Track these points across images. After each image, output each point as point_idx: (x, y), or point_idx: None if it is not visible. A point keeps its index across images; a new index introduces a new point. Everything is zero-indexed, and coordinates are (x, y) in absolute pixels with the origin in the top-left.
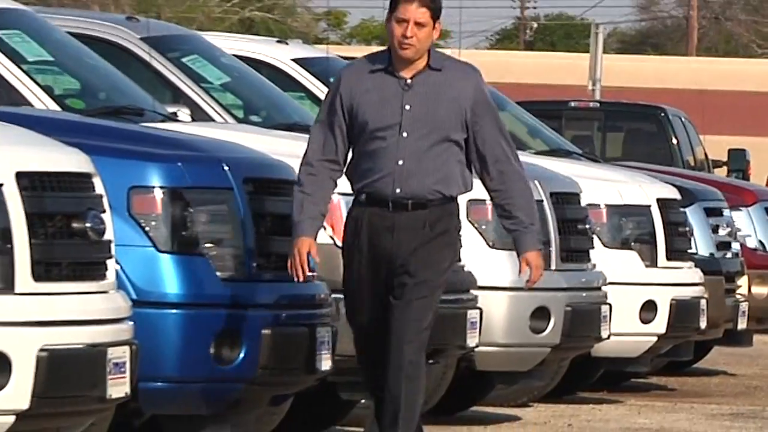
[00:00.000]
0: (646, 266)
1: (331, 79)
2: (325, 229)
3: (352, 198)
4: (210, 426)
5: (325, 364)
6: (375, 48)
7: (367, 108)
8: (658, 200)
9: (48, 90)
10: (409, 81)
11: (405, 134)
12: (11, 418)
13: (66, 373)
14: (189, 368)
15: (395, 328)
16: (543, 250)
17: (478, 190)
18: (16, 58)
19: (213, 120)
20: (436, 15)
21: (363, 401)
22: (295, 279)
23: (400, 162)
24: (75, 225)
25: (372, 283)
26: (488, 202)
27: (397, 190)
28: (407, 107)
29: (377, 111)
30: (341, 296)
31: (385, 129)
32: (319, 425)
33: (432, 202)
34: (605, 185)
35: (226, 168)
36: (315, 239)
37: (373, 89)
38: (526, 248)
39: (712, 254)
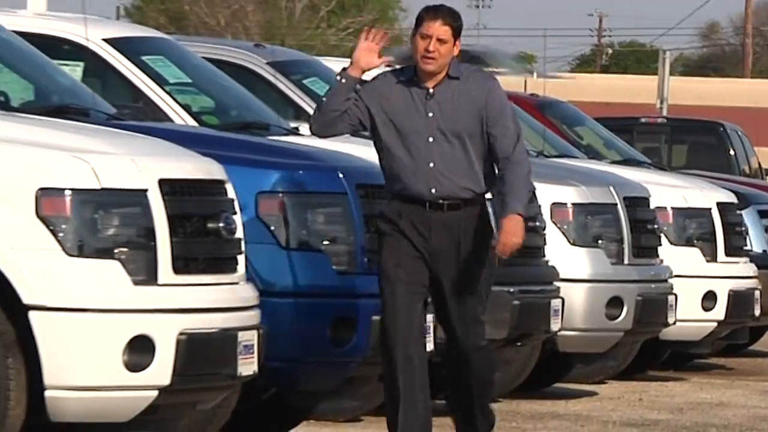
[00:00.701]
0: (707, 261)
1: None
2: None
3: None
4: (329, 399)
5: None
6: None
7: (394, 116)
8: (718, 204)
9: (186, 108)
10: (431, 90)
11: (431, 139)
12: (154, 393)
13: (202, 354)
14: (309, 350)
15: (456, 324)
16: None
17: (560, 194)
18: (160, 80)
19: None
20: (457, 33)
21: None
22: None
23: (431, 164)
24: (210, 225)
25: (409, 275)
26: (569, 204)
27: (433, 191)
28: (430, 114)
29: (404, 118)
30: None
31: (413, 135)
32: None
33: (466, 202)
34: (671, 190)
35: (341, 175)
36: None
37: (399, 98)
38: (504, 211)
39: (764, 251)
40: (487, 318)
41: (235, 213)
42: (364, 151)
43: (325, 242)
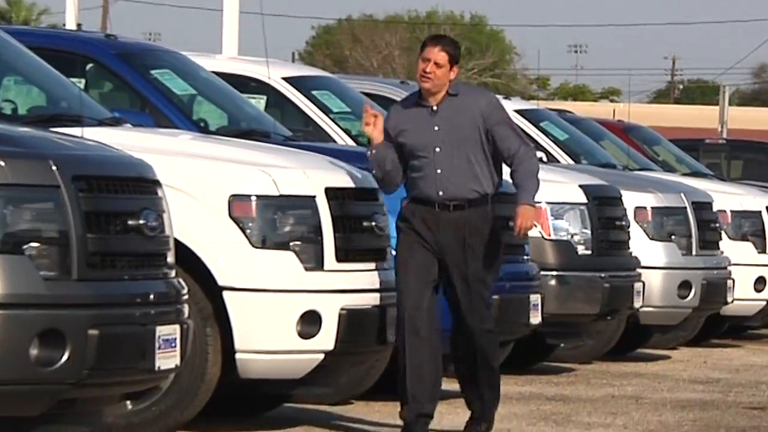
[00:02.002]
0: (758, 253)
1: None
2: (535, 226)
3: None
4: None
5: (535, 318)
6: (572, 103)
7: (407, 134)
8: (767, 207)
9: (347, 131)
10: (435, 108)
11: (438, 149)
12: (321, 356)
13: (359, 325)
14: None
15: (464, 308)
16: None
17: (642, 198)
18: (325, 110)
19: None
20: (454, 60)
21: (562, 345)
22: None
23: (439, 171)
24: (365, 224)
25: (419, 265)
26: (648, 207)
27: (440, 193)
28: (436, 128)
29: (415, 136)
30: (549, 273)
31: (423, 148)
32: (530, 363)
33: (470, 202)
34: (730, 197)
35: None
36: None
37: (410, 120)
38: (518, 200)
39: None
40: (547, 294)
41: (384, 214)
42: None
43: None
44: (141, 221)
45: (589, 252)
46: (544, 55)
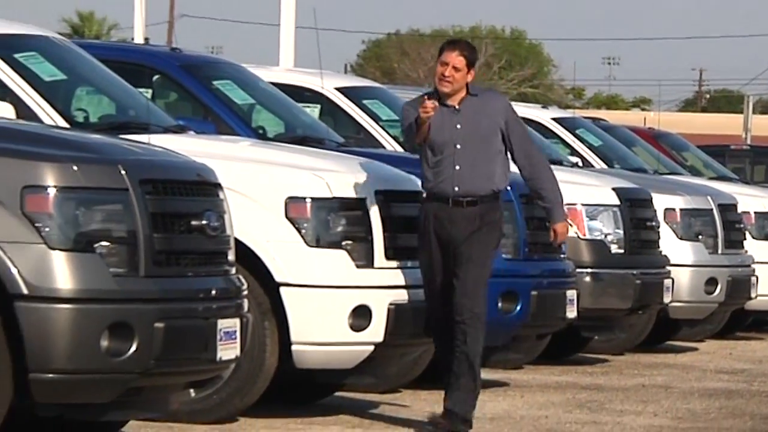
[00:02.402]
0: None
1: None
2: (571, 226)
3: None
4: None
5: (571, 312)
6: (605, 112)
7: (431, 130)
8: None
9: (395, 138)
10: (457, 107)
11: (458, 146)
12: (371, 348)
13: (406, 318)
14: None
15: (459, 292)
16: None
17: (671, 200)
18: (375, 118)
19: None
20: (471, 64)
21: (596, 337)
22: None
23: (457, 167)
24: (411, 224)
25: (439, 258)
26: (677, 209)
27: (456, 189)
28: (458, 126)
29: (438, 132)
30: (584, 270)
31: (444, 144)
32: (566, 354)
33: (483, 198)
34: (753, 199)
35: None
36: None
37: (434, 117)
38: (554, 221)
39: None
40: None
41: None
42: None
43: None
44: (203, 222)
45: (621, 251)
46: (579, 66)
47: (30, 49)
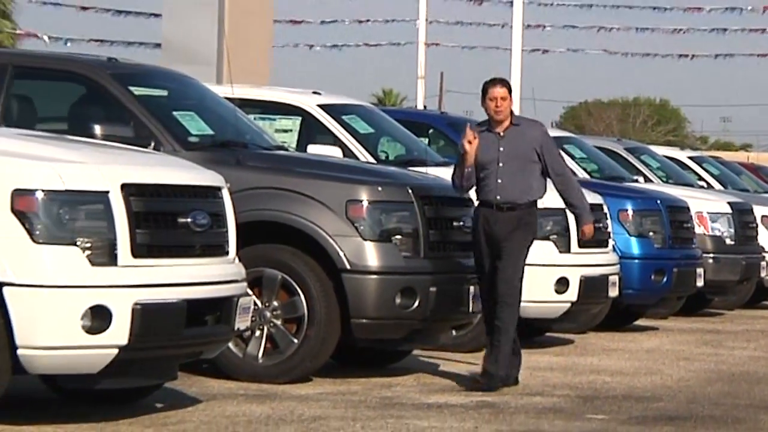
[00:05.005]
0: None
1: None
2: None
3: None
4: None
5: (699, 282)
6: (721, 152)
7: (480, 151)
8: None
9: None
10: (501, 134)
11: (501, 164)
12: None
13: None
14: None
15: (499, 277)
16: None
17: (765, 210)
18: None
19: None
20: (510, 92)
21: (716, 299)
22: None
23: (499, 181)
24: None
25: (487, 251)
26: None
27: (498, 197)
28: (501, 149)
29: (485, 153)
30: (708, 255)
31: (489, 162)
32: (696, 309)
33: (520, 206)
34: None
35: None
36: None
37: (483, 141)
38: (582, 223)
39: None
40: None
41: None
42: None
43: None
44: (461, 222)
45: (732, 242)
46: (706, 123)
47: (351, 113)
